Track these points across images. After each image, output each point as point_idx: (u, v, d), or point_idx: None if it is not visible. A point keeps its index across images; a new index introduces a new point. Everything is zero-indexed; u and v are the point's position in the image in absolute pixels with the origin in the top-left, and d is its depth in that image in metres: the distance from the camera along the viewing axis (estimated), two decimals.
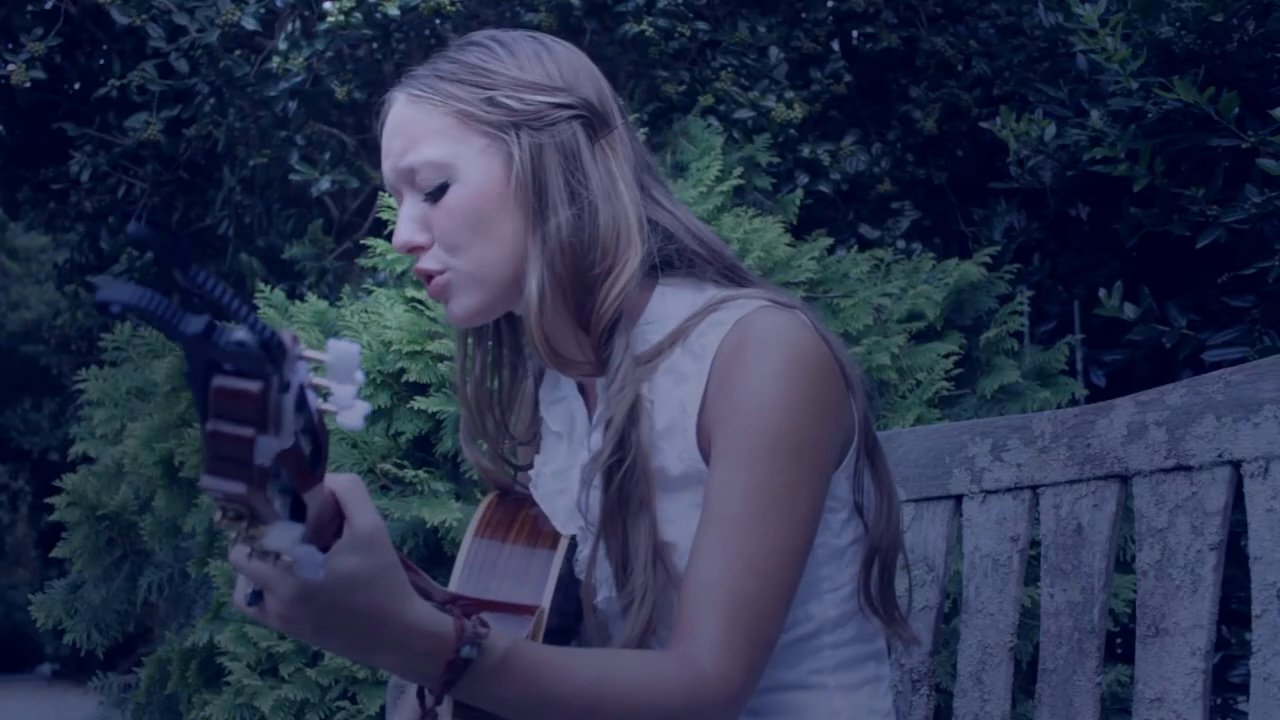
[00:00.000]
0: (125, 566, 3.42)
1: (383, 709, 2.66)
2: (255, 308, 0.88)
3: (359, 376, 0.95)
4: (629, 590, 1.34)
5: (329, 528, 1.08)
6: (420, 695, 1.24)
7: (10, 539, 14.31)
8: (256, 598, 1.09)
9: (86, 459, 3.81)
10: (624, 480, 1.34)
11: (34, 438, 12.32)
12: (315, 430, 0.96)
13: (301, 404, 0.91)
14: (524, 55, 1.40)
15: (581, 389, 1.50)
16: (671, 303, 1.41)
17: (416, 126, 1.38)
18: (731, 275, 1.43)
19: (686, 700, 1.24)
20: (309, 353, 0.92)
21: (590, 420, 1.46)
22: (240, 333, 0.84)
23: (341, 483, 1.10)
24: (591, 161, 1.37)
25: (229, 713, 2.82)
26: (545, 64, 1.40)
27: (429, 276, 1.41)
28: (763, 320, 1.35)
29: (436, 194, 1.38)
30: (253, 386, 0.84)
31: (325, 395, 0.95)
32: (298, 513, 0.98)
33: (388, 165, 1.41)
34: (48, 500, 3.42)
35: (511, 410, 1.54)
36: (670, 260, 1.41)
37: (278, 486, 0.93)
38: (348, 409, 0.95)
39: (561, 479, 1.47)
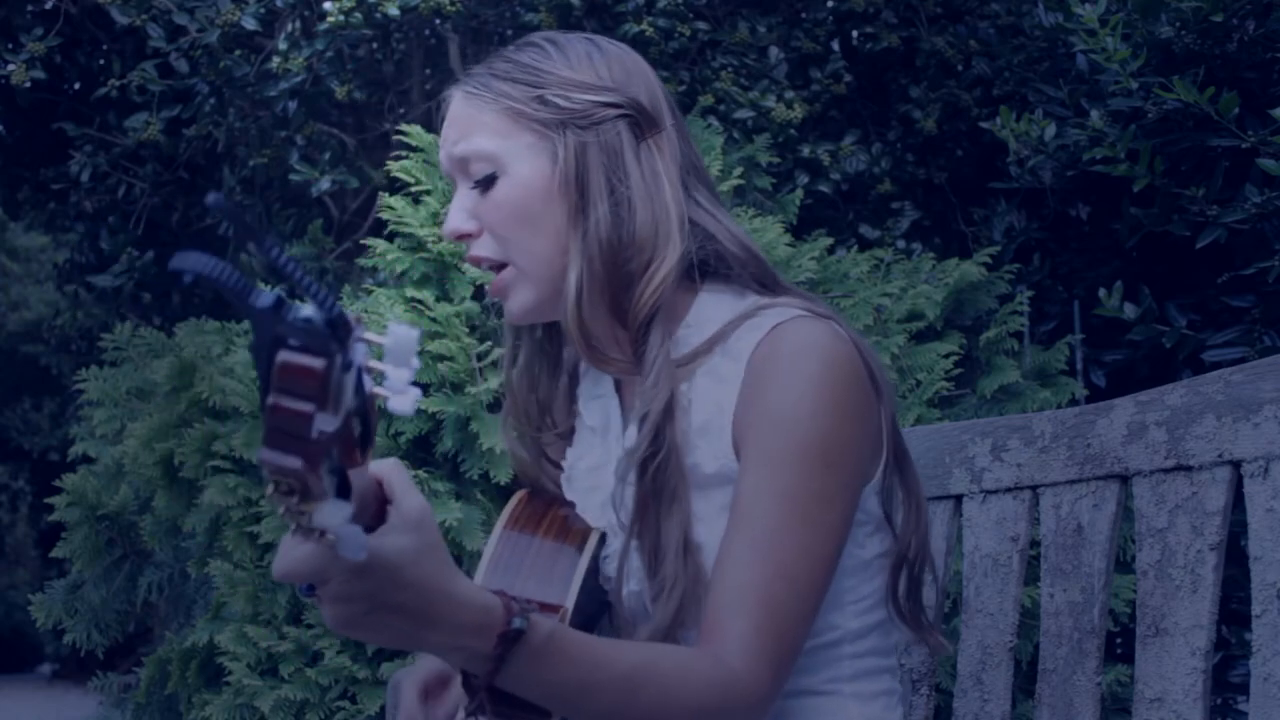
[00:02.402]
0: (125, 566, 3.43)
1: (383, 709, 2.67)
2: (328, 286, 0.90)
3: (415, 362, 0.96)
4: (659, 580, 1.36)
5: (370, 509, 1.09)
6: (466, 683, 1.24)
7: (10, 539, 14.30)
8: (311, 589, 1.10)
9: (86, 459, 3.81)
10: (658, 473, 1.36)
11: (34, 438, 12.32)
12: (366, 412, 0.97)
13: (359, 385, 0.92)
14: (575, 55, 1.44)
15: (618, 387, 1.52)
16: (712, 308, 1.43)
17: (469, 120, 1.43)
18: (769, 282, 1.45)
19: (719, 699, 1.25)
20: (369, 335, 0.93)
21: (624, 418, 1.48)
22: (308, 309, 0.86)
23: (385, 467, 1.12)
24: (634, 160, 1.40)
25: (229, 713, 2.83)
26: (596, 64, 1.43)
27: (489, 266, 1.44)
28: (799, 328, 1.37)
29: (485, 184, 1.42)
30: (318, 364, 0.85)
31: (379, 379, 0.95)
32: (344, 492, 0.99)
33: (443, 153, 1.46)
34: (48, 500, 3.42)
35: (553, 405, 1.56)
36: (708, 262, 1.43)
37: (328, 465, 0.93)
38: (400, 394, 0.96)
39: (596, 474, 1.49)
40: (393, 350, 0.95)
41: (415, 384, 0.96)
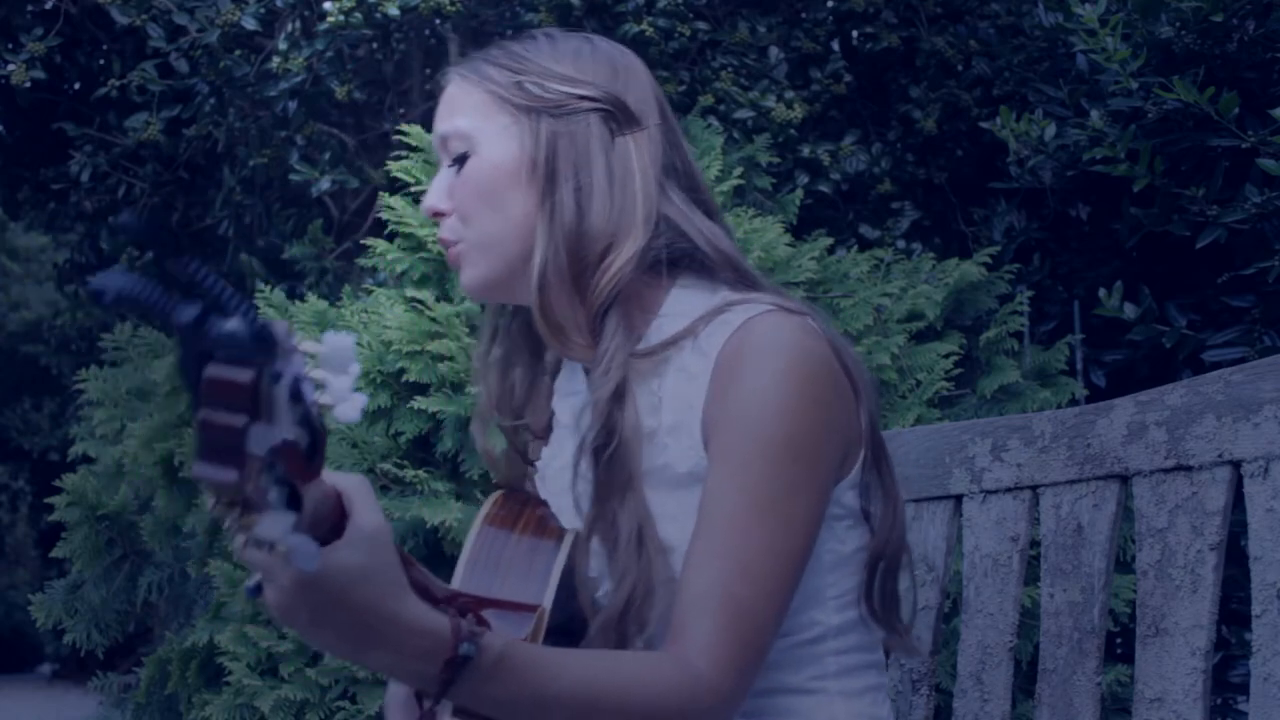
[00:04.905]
0: (125, 566, 3.43)
1: (382, 709, 2.67)
2: (249, 299, 0.94)
3: (354, 369, 0.97)
4: (614, 572, 1.35)
5: (326, 523, 1.09)
6: (418, 698, 1.24)
7: (10, 539, 14.29)
8: (257, 590, 1.10)
9: (86, 459, 3.81)
10: (610, 462, 1.36)
11: (34, 438, 12.31)
12: (312, 423, 0.97)
13: (298, 396, 0.92)
14: (563, 50, 1.47)
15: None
16: (687, 302, 1.43)
17: (455, 101, 1.47)
18: (745, 282, 1.45)
19: (682, 702, 1.24)
20: (304, 345, 0.93)
21: None
22: (232, 323, 0.86)
23: (348, 481, 1.12)
24: (601, 152, 1.42)
25: (229, 713, 2.83)
26: (581, 60, 1.46)
27: (447, 245, 1.47)
28: (767, 324, 1.36)
29: (460, 162, 1.45)
30: (243, 376, 0.86)
31: (320, 388, 0.96)
32: (294, 505, 0.99)
33: (434, 132, 1.50)
34: (48, 500, 3.43)
35: (529, 400, 1.56)
36: (679, 259, 1.43)
37: (273, 477, 0.93)
38: (344, 401, 0.97)
39: (567, 474, 1.48)
40: (329, 358, 0.96)
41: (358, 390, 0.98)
